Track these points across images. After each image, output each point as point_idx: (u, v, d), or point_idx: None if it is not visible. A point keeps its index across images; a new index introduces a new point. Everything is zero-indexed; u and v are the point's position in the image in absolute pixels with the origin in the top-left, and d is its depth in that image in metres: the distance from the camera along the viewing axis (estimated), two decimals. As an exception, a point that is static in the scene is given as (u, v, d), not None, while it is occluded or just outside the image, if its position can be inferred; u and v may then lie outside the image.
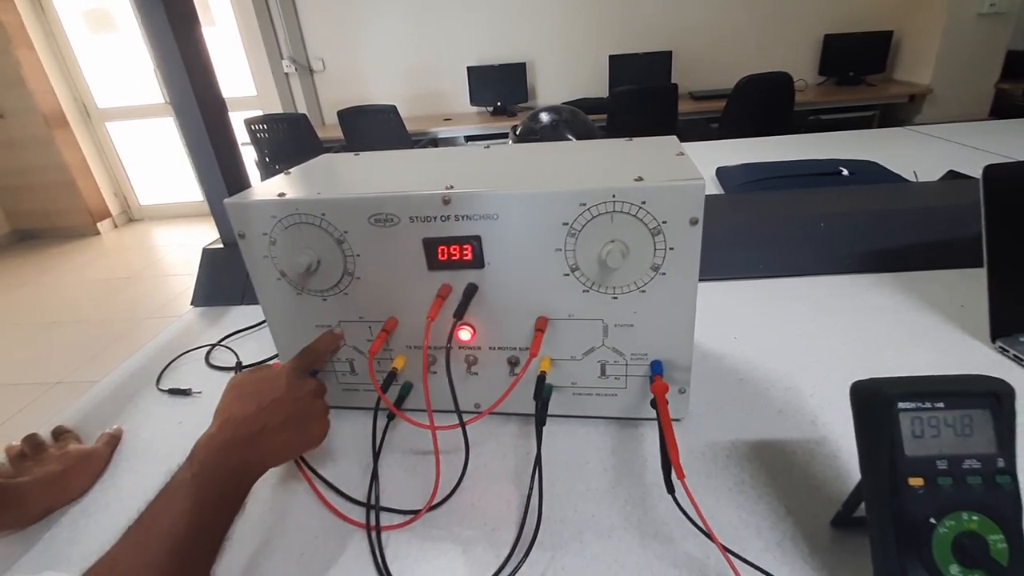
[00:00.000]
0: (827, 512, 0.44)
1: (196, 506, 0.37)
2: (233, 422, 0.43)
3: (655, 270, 0.47)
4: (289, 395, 0.47)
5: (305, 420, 0.47)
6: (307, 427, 0.48)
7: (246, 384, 0.47)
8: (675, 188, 0.44)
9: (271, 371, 0.49)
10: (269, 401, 0.45)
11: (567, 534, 0.44)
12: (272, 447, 0.45)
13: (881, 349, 0.65)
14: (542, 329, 0.50)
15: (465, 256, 0.49)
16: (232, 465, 0.41)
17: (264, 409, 0.45)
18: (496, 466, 0.52)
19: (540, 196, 0.46)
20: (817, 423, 0.54)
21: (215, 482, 0.39)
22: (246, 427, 0.43)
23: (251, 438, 0.43)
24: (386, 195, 0.48)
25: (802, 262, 0.85)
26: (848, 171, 1.15)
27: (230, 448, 0.42)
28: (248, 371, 0.50)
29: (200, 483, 0.38)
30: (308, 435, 0.48)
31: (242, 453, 0.42)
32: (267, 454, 0.45)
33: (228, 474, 0.40)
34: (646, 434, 0.55)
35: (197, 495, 0.37)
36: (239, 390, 0.47)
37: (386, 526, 0.47)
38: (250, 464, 0.43)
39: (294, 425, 0.46)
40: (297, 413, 0.46)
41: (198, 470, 0.39)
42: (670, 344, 0.51)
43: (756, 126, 2.64)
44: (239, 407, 0.45)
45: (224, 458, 0.41)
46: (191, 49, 0.85)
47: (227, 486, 0.40)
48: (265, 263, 0.54)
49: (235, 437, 0.42)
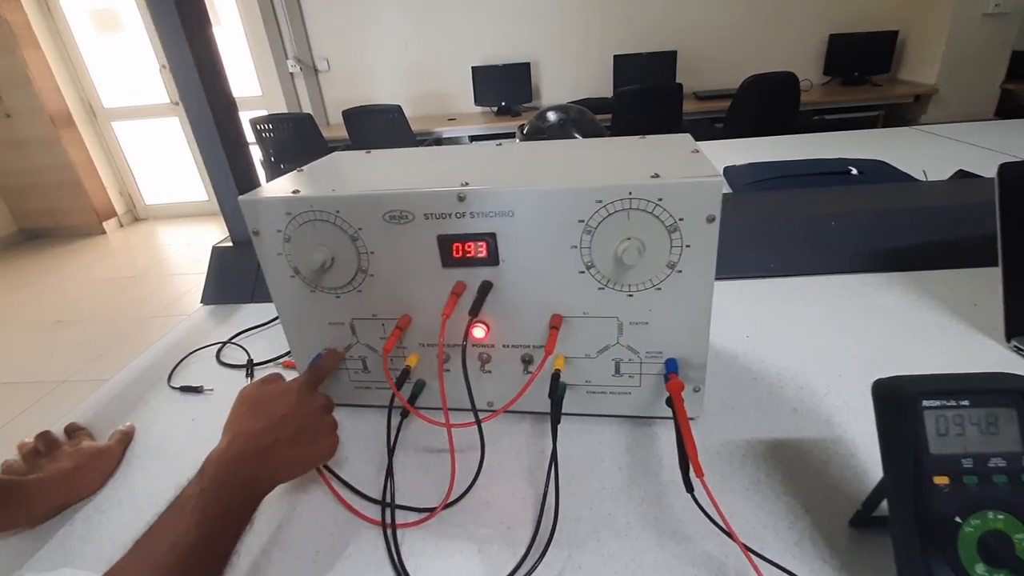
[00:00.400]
0: (845, 511, 0.43)
1: (204, 520, 0.37)
2: (243, 436, 0.43)
3: (671, 267, 0.47)
4: (300, 410, 0.47)
5: (315, 435, 0.48)
6: (317, 442, 0.48)
7: (257, 398, 0.47)
8: (692, 185, 0.44)
9: (281, 385, 0.49)
10: (280, 416, 0.45)
11: (583, 532, 0.44)
12: (282, 462, 0.45)
13: (894, 348, 0.64)
14: (557, 327, 0.50)
15: (480, 253, 0.49)
16: (241, 479, 0.41)
17: (275, 424, 0.45)
18: (510, 464, 0.52)
19: (556, 193, 0.46)
20: (832, 422, 0.54)
21: (224, 496, 0.39)
22: (256, 442, 0.43)
23: (261, 453, 0.43)
24: (401, 192, 0.48)
25: (813, 261, 0.84)
26: (857, 170, 1.14)
27: (240, 462, 0.41)
28: (258, 384, 0.50)
29: (209, 497, 0.38)
30: (317, 450, 0.48)
31: (252, 467, 0.42)
32: (277, 469, 0.44)
33: (237, 488, 0.40)
34: (660, 433, 0.54)
35: (205, 509, 0.37)
36: (250, 404, 0.47)
37: (401, 524, 0.46)
38: (259, 479, 0.43)
39: (304, 440, 0.46)
40: (307, 428, 0.47)
41: (207, 484, 0.39)
42: (685, 342, 0.50)
43: (760, 126, 2.63)
44: (249, 422, 0.45)
45: (234, 472, 0.41)
46: (202, 49, 0.85)
47: (235, 500, 0.40)
48: (279, 260, 0.54)
49: (245, 452, 0.42)
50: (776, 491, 0.46)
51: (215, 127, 0.88)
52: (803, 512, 0.44)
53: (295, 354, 0.60)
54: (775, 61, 3.24)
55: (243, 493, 0.41)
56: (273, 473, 0.44)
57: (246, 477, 0.41)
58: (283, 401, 0.47)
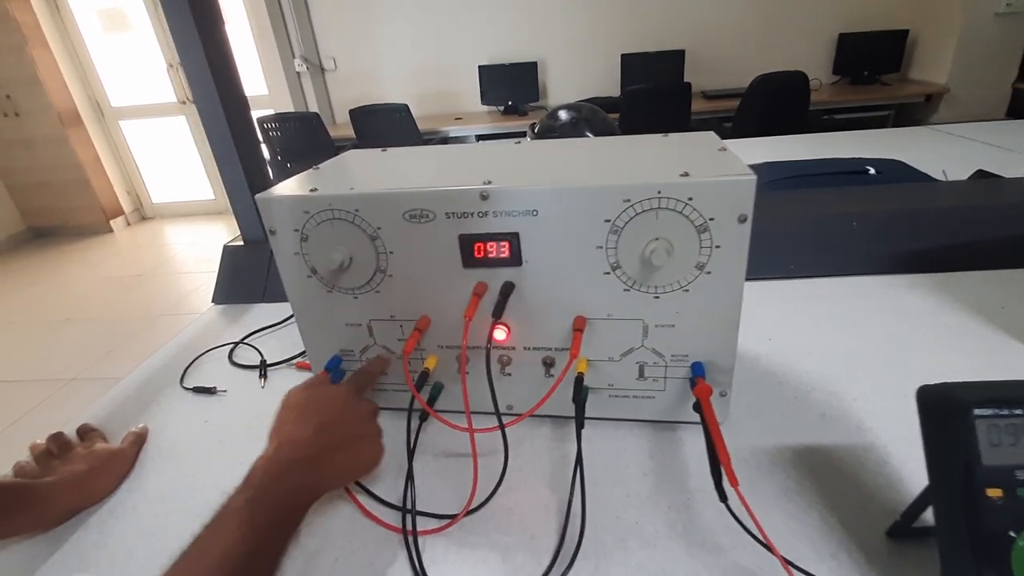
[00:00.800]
0: (881, 521, 0.42)
1: (251, 532, 0.36)
2: (291, 444, 0.42)
3: (700, 269, 0.46)
4: (347, 416, 0.46)
5: (362, 442, 0.46)
6: (363, 450, 0.46)
7: (303, 404, 0.46)
8: (724, 184, 0.42)
9: (327, 390, 0.48)
10: (327, 422, 0.44)
11: (610, 542, 0.43)
12: (329, 470, 0.43)
13: (922, 351, 0.63)
14: (581, 329, 0.49)
15: (502, 253, 0.48)
16: (288, 488, 0.40)
17: (322, 430, 0.43)
18: (532, 470, 0.51)
19: (583, 191, 0.44)
20: (863, 428, 0.52)
21: (271, 506, 0.38)
22: (304, 449, 0.42)
23: (309, 461, 0.42)
24: (422, 190, 0.47)
25: (834, 262, 0.83)
26: (875, 170, 1.13)
27: (287, 471, 0.40)
28: (303, 388, 0.48)
29: (254, 508, 0.37)
30: (364, 458, 0.47)
31: (299, 476, 0.41)
32: (323, 477, 0.43)
33: (283, 498, 0.39)
34: (685, 438, 0.53)
35: (251, 520, 0.36)
36: (296, 410, 0.46)
37: (422, 531, 0.45)
38: (305, 487, 0.41)
39: (352, 447, 0.45)
40: (354, 435, 0.45)
41: (252, 494, 0.38)
42: (713, 346, 0.49)
43: (770, 126, 2.61)
44: (296, 428, 0.44)
45: (281, 481, 0.39)
46: (215, 47, 0.85)
47: (282, 510, 0.39)
48: (295, 260, 0.53)
49: (293, 459, 0.41)
50: (808, 500, 0.45)
51: (227, 125, 0.88)
52: (837, 522, 0.43)
53: (310, 355, 0.59)
54: (784, 60, 3.21)
55: (290, 502, 0.40)
56: (320, 481, 0.43)
57: (294, 486, 0.40)
58: (331, 407, 0.46)
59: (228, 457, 0.56)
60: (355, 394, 0.49)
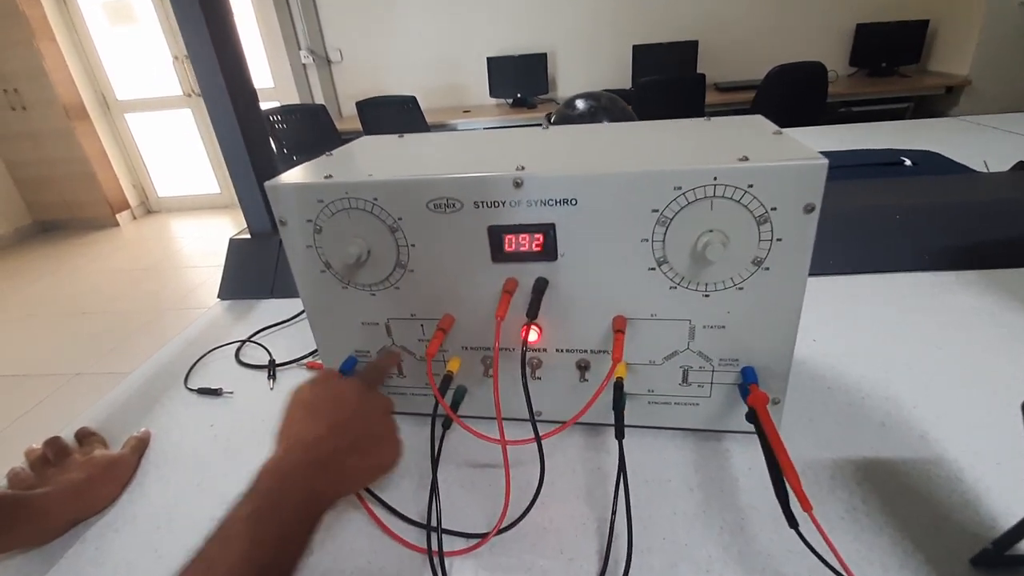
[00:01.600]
0: (962, 547, 0.37)
1: (257, 547, 0.31)
2: (302, 444, 0.38)
3: (757, 264, 0.41)
4: (361, 413, 0.41)
5: (378, 441, 0.42)
6: (380, 449, 0.42)
7: (313, 401, 0.42)
8: (790, 169, 0.38)
9: (339, 385, 0.44)
10: (341, 421, 0.40)
11: (658, 566, 0.39)
12: (343, 473, 0.38)
13: (984, 354, 0.58)
14: (622, 331, 0.45)
15: (536, 247, 0.43)
16: (300, 496, 0.35)
17: (335, 430, 0.39)
18: (565, 483, 0.47)
19: (629, 178, 0.40)
20: (927, 439, 0.48)
21: (277, 517, 0.33)
22: (315, 451, 0.37)
23: (321, 463, 0.37)
24: (449, 177, 0.43)
25: (876, 258, 0.78)
26: (911, 161, 1.07)
27: (297, 475, 0.36)
28: (312, 384, 0.44)
29: (260, 520, 0.32)
30: (381, 459, 0.42)
31: (312, 481, 0.36)
32: (338, 481, 0.38)
33: (294, 507, 0.34)
34: (731, 448, 0.49)
35: (257, 535, 0.32)
36: (305, 409, 0.41)
37: (448, 552, 0.41)
38: (318, 494, 0.36)
39: (367, 447, 0.40)
40: (369, 434, 0.41)
41: (259, 503, 0.33)
42: (767, 349, 0.45)
43: (787, 118, 2.53)
44: (306, 428, 0.39)
45: (291, 486, 0.35)
46: (223, 38, 0.81)
47: (293, 521, 0.34)
48: (308, 253, 0.49)
49: (304, 462, 0.37)
50: (877, 520, 0.41)
51: (235, 117, 0.84)
52: (913, 548, 0.38)
53: (323, 356, 0.55)
54: (799, 52, 3.13)
55: (302, 512, 0.35)
56: (334, 486, 0.38)
57: (305, 492, 0.35)
58: (342, 404, 0.41)
59: (236, 465, 0.52)
60: (369, 389, 0.44)
